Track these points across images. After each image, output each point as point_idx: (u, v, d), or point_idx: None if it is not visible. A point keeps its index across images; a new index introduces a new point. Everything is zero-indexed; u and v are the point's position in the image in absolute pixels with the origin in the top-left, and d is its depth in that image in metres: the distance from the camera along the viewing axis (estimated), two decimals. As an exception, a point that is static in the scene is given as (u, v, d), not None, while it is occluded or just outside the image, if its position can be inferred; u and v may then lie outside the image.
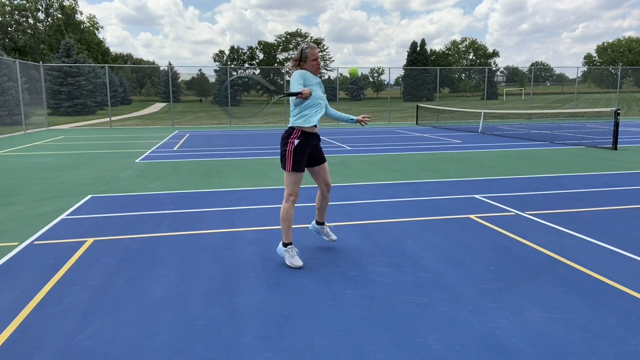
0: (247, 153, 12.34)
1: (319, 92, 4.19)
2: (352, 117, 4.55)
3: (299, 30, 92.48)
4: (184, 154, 12.20)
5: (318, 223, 4.60)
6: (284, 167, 4.15)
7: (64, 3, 64.25)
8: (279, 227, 5.28)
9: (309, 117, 4.14)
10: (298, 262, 4.11)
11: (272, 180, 8.27)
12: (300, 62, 4.16)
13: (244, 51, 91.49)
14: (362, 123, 4.48)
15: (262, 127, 23.09)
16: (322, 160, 4.34)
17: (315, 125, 4.19)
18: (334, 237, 4.59)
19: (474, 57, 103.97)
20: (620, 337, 2.92)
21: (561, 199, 6.68)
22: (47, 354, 2.76)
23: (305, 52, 4.13)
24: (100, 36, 72.41)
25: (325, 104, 4.31)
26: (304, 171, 4.18)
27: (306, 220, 5.54)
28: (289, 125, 4.21)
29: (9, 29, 60.33)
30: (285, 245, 4.19)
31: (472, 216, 5.74)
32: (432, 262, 4.23)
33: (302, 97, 3.92)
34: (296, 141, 4.10)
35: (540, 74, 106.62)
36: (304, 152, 4.15)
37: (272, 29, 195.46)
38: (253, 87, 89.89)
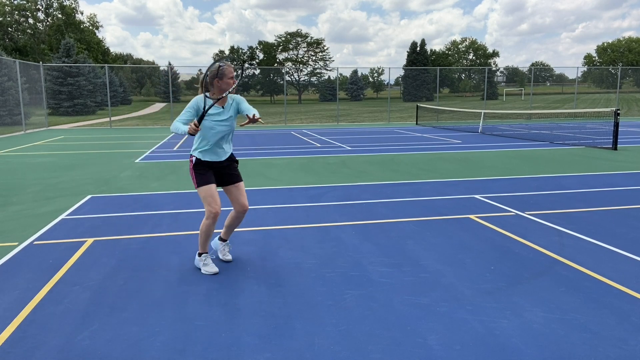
0: (247, 153, 12.34)
1: (216, 120, 3.87)
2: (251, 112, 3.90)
3: (299, 31, 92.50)
4: (184, 154, 12.19)
5: (220, 239, 4.35)
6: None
7: (64, 3, 64.23)
8: (280, 227, 5.29)
9: (202, 149, 3.96)
10: (213, 269, 3.98)
11: (271, 180, 8.27)
12: (216, 79, 3.78)
13: (244, 51, 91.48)
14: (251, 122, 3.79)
15: (262, 127, 23.08)
16: (236, 179, 4.09)
17: (217, 154, 3.97)
18: (229, 257, 4.31)
19: (473, 57, 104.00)
20: (620, 337, 2.92)
21: (561, 199, 6.68)
22: (47, 354, 2.76)
23: (222, 69, 3.78)
24: (99, 36, 72.39)
25: (223, 131, 3.92)
26: (209, 183, 3.93)
27: (305, 221, 5.54)
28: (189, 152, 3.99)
29: (9, 29, 60.32)
30: (200, 255, 4.07)
31: (472, 216, 5.74)
32: (432, 262, 4.23)
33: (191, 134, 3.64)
34: (194, 159, 3.97)
35: (540, 74, 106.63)
36: (207, 166, 3.98)
37: (272, 29, 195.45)
38: (253, 87, 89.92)
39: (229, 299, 3.50)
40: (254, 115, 3.69)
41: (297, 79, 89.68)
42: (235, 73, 3.88)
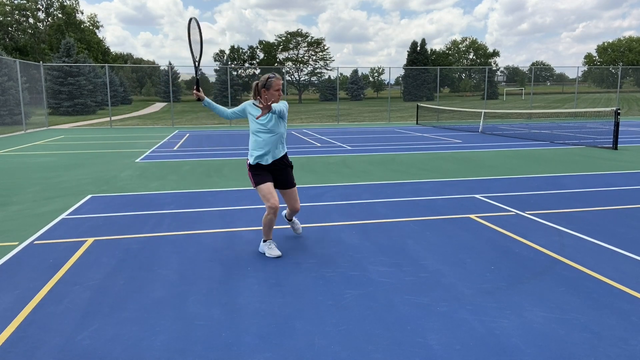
0: (247, 153, 12.32)
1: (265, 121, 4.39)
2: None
3: (299, 30, 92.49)
4: (184, 154, 12.20)
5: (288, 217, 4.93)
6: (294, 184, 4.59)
7: (65, 3, 64.24)
8: (280, 227, 5.29)
9: (257, 155, 4.52)
10: (276, 252, 4.39)
11: (272, 180, 8.26)
12: (263, 88, 4.24)
13: (244, 51, 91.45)
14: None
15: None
16: (289, 185, 4.57)
17: (270, 159, 4.50)
18: (299, 229, 4.97)
19: (474, 57, 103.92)
20: (620, 337, 2.92)
21: (561, 198, 6.68)
22: (47, 354, 2.76)
23: (271, 80, 4.21)
24: (100, 36, 72.40)
25: (275, 136, 4.43)
26: (266, 182, 4.40)
27: (305, 220, 5.54)
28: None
29: (10, 28, 60.33)
30: (265, 241, 4.50)
31: (472, 216, 5.74)
32: (432, 261, 4.23)
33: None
34: (250, 163, 4.52)
35: (541, 73, 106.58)
36: (263, 167, 4.50)
37: (272, 29, 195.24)
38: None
39: (229, 299, 3.50)
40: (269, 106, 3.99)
41: (298, 78, 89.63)
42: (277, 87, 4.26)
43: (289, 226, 5.04)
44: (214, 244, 4.78)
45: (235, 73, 73.06)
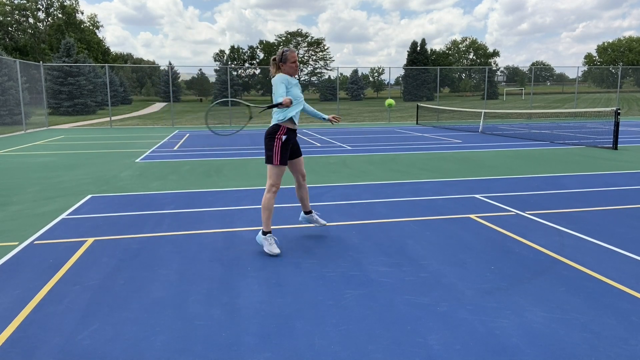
0: (247, 153, 12.34)
1: (297, 92, 4.48)
2: (324, 115, 4.91)
3: (299, 30, 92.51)
4: (184, 154, 12.20)
5: (306, 213, 4.93)
6: (270, 162, 4.43)
7: (65, 3, 64.24)
8: (280, 226, 5.29)
9: (291, 115, 4.46)
10: (276, 250, 4.37)
11: (272, 180, 8.26)
12: (280, 63, 4.42)
13: (244, 51, 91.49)
14: (332, 122, 4.90)
15: (262, 127, 23.08)
16: (299, 153, 4.73)
17: (296, 122, 4.51)
18: (323, 221, 4.98)
19: (474, 57, 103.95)
20: (620, 337, 2.92)
21: (561, 198, 6.68)
22: (47, 354, 2.76)
23: (286, 54, 4.40)
24: (100, 36, 72.42)
25: (302, 102, 4.60)
26: (287, 164, 4.53)
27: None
28: (274, 123, 4.45)
29: (10, 28, 60.33)
30: (264, 233, 4.46)
31: (472, 216, 5.74)
32: (432, 261, 4.23)
33: (283, 107, 4.20)
34: (284, 137, 4.42)
35: (541, 73, 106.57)
36: (289, 147, 4.49)
37: (272, 29, 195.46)
38: (253, 87, 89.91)
39: (229, 299, 3.50)
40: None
41: (298, 78, 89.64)
42: (293, 59, 4.43)
43: (313, 224, 5.00)
44: (214, 244, 4.78)
45: (235, 73, 73.02)
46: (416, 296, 3.52)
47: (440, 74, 33.13)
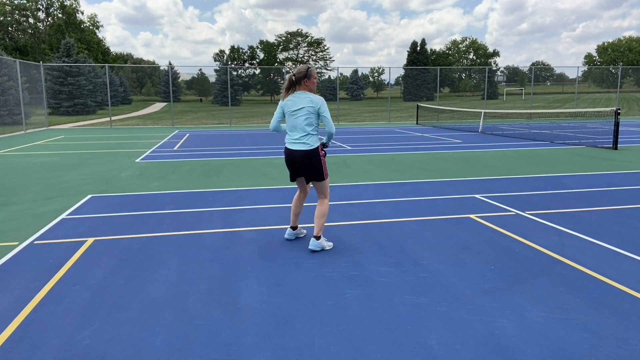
0: (247, 153, 12.34)
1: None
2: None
3: (299, 30, 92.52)
4: (184, 154, 12.20)
5: (293, 228, 4.90)
6: (322, 178, 4.60)
7: (65, 3, 64.26)
8: (280, 226, 5.29)
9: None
10: (330, 242, 4.67)
11: (272, 180, 8.27)
12: (305, 79, 4.57)
13: (244, 51, 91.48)
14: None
15: (262, 127, 23.08)
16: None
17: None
18: (305, 231, 5.07)
19: (474, 57, 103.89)
20: (620, 337, 2.92)
21: (561, 198, 6.68)
22: (47, 354, 2.76)
23: (311, 70, 4.59)
24: (100, 36, 72.42)
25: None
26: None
27: (305, 220, 5.54)
28: (316, 145, 4.75)
29: (10, 28, 60.34)
30: (318, 238, 4.52)
31: (472, 216, 5.74)
32: (432, 261, 4.23)
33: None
34: (324, 152, 4.80)
35: (541, 73, 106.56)
36: None
37: (272, 29, 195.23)
38: (253, 87, 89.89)
39: (229, 299, 3.50)
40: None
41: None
42: (315, 77, 4.68)
43: (297, 236, 4.99)
44: (214, 244, 4.78)
45: (235, 73, 73.03)
46: (416, 296, 3.52)
47: (440, 74, 33.14)
